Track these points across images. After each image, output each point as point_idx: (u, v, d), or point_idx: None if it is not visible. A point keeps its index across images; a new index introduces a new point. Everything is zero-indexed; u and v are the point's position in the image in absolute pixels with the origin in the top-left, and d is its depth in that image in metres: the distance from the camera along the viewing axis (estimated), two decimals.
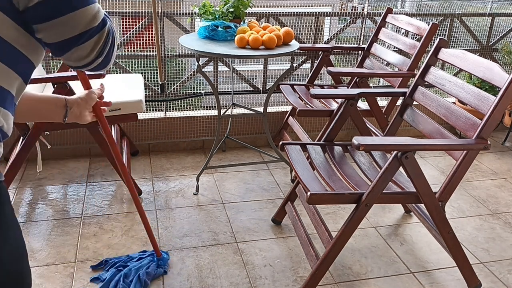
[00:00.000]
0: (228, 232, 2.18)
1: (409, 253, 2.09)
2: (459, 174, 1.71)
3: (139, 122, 2.91)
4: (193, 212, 2.33)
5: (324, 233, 1.82)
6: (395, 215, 2.38)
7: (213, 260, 1.99)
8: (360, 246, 2.12)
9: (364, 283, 1.90)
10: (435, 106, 1.92)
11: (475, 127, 1.66)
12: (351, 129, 3.16)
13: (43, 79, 2.20)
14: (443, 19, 3.27)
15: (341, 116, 2.07)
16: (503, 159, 3.10)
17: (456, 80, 1.86)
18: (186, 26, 2.83)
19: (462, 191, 2.64)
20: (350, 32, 3.23)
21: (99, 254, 1.98)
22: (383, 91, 2.58)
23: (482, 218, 2.40)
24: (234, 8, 2.38)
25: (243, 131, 3.09)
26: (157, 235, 2.13)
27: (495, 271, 2.00)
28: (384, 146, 1.67)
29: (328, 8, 3.81)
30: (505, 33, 3.49)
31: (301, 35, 3.09)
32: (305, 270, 1.95)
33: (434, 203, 1.71)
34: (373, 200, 1.65)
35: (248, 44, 2.23)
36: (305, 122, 3.08)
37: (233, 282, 1.86)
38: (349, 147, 2.09)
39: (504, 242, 2.21)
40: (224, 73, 3.14)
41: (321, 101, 2.75)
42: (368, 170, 1.94)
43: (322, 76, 3.47)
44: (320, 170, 1.86)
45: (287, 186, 2.60)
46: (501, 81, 1.63)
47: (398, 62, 2.60)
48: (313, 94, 2.12)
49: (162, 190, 2.52)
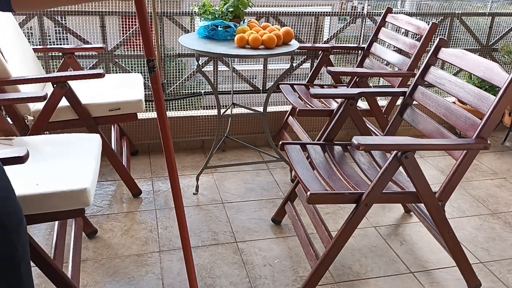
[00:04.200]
0: (228, 232, 2.18)
1: (409, 253, 2.09)
2: (459, 174, 1.71)
3: (139, 122, 2.91)
4: (193, 212, 2.32)
5: (324, 233, 1.82)
6: (395, 215, 2.38)
7: (212, 260, 1.99)
8: (360, 246, 2.12)
9: (364, 283, 1.90)
10: (435, 105, 1.92)
11: (475, 127, 1.66)
12: (351, 129, 3.16)
13: (43, 78, 2.20)
14: (443, 18, 3.27)
15: (341, 116, 2.07)
16: (503, 158, 3.10)
17: (456, 80, 1.86)
18: (186, 26, 2.83)
19: (462, 191, 2.63)
20: (350, 31, 3.23)
21: (99, 254, 1.98)
22: (383, 91, 2.58)
23: (482, 217, 2.40)
24: (233, 8, 2.38)
25: (243, 131, 3.09)
26: (157, 235, 2.13)
27: (495, 271, 2.00)
28: (384, 146, 1.67)
29: (328, 7, 3.81)
30: (505, 32, 3.48)
31: (301, 35, 3.09)
32: (305, 270, 1.95)
33: (434, 203, 1.71)
34: (373, 200, 1.65)
35: (248, 43, 2.22)
36: (305, 121, 3.08)
37: (233, 282, 1.86)
38: (349, 147, 2.09)
39: (504, 242, 2.21)
40: (224, 73, 3.14)
41: (321, 101, 2.75)
42: (368, 170, 1.94)
43: (322, 75, 3.47)
44: (320, 170, 1.86)
45: (287, 186, 2.60)
46: (501, 80, 1.63)
47: (398, 61, 2.60)
48: (313, 93, 2.12)
49: (162, 190, 2.52)
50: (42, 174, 1.52)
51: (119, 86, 2.46)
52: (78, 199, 1.44)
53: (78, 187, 1.44)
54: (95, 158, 1.67)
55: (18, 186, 0.78)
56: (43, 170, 1.24)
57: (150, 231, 2.15)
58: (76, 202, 1.44)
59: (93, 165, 1.61)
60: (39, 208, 1.42)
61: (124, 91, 2.36)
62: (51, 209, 1.44)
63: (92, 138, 1.81)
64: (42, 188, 1.42)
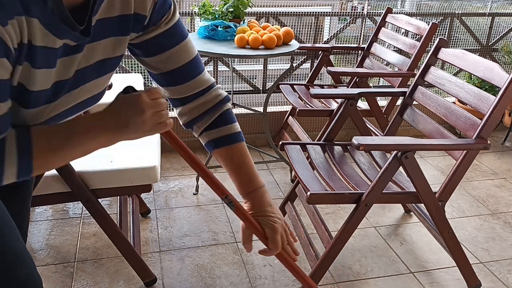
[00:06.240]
0: (228, 232, 2.18)
1: (409, 253, 2.09)
2: (459, 174, 1.71)
3: None
4: (193, 212, 2.32)
5: (324, 233, 1.82)
6: (395, 215, 2.38)
7: (212, 260, 1.99)
8: (360, 246, 2.12)
9: (364, 283, 1.90)
10: (435, 106, 1.92)
11: (475, 127, 1.66)
12: (351, 129, 3.16)
13: None
14: (443, 19, 3.27)
15: (341, 116, 2.07)
16: (503, 159, 3.10)
17: (456, 80, 1.86)
18: (186, 26, 2.83)
19: (462, 191, 2.63)
20: (350, 31, 3.23)
21: (99, 254, 1.98)
22: (383, 91, 2.58)
23: (482, 218, 2.40)
24: (233, 8, 2.38)
25: (242, 131, 3.05)
26: (156, 235, 2.13)
27: (495, 271, 2.00)
28: (384, 146, 1.67)
29: (328, 7, 3.81)
30: (505, 33, 3.49)
31: (301, 35, 3.09)
32: (305, 270, 1.95)
33: (434, 203, 1.71)
34: (373, 200, 1.65)
35: (248, 44, 2.22)
36: (305, 122, 3.08)
37: (233, 282, 1.86)
38: (349, 147, 2.09)
39: (504, 242, 2.21)
40: (224, 73, 3.14)
41: (321, 101, 2.75)
42: (368, 170, 1.94)
43: (322, 76, 3.47)
44: (320, 170, 1.86)
45: (287, 186, 2.60)
46: (501, 81, 1.63)
47: (398, 62, 2.60)
48: (313, 94, 2.12)
49: (161, 190, 2.52)
50: (114, 154, 1.69)
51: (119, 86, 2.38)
52: (149, 175, 1.68)
53: (148, 164, 1.69)
54: (157, 141, 1.91)
55: (96, 163, 0.85)
56: (114, 151, 1.35)
57: (150, 231, 2.15)
58: (146, 177, 1.69)
59: (156, 147, 1.85)
60: (117, 182, 1.67)
61: None
62: (126, 183, 1.67)
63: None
64: (118, 165, 1.67)
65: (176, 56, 0.92)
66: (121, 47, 0.87)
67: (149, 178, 1.69)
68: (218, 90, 1.02)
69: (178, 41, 0.91)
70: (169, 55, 0.91)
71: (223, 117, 1.02)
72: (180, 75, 0.95)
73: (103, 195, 1.75)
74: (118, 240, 1.75)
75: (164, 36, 0.89)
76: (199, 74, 0.97)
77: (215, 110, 1.01)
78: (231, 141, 1.02)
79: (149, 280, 1.82)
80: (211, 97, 1.00)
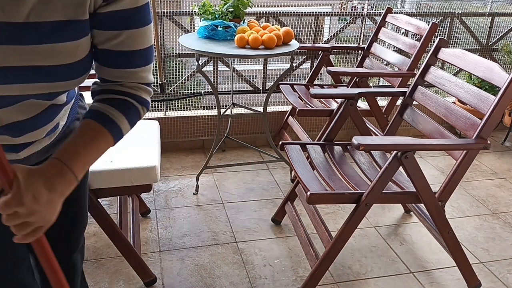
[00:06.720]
0: (227, 232, 2.18)
1: (409, 253, 2.09)
2: (459, 174, 1.71)
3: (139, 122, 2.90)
4: (193, 212, 2.32)
5: (324, 233, 1.82)
6: (395, 215, 2.38)
7: (212, 260, 1.99)
8: (360, 246, 2.12)
9: (364, 283, 1.90)
10: (435, 105, 1.92)
11: (475, 127, 1.66)
12: (351, 129, 3.16)
13: None
14: (443, 18, 3.27)
15: (341, 116, 2.07)
16: (503, 158, 3.10)
17: (456, 80, 1.86)
18: (186, 26, 2.83)
19: (462, 191, 2.63)
20: (350, 31, 3.23)
21: (99, 254, 1.98)
22: (383, 91, 2.59)
23: (482, 218, 2.40)
24: (233, 8, 2.38)
25: (243, 131, 3.09)
26: (156, 235, 2.13)
27: (495, 271, 2.00)
28: (384, 146, 1.67)
29: (328, 7, 3.81)
30: (505, 33, 3.48)
31: (301, 35, 3.09)
32: (305, 270, 1.95)
33: (434, 203, 1.71)
34: (373, 200, 1.65)
35: (247, 43, 2.22)
36: (305, 122, 3.08)
37: (233, 282, 1.86)
38: (349, 147, 2.09)
39: (504, 242, 2.21)
40: (224, 73, 3.14)
41: (321, 101, 2.75)
42: (368, 170, 1.94)
43: (322, 75, 3.47)
44: (320, 170, 1.86)
45: (287, 186, 2.60)
46: (501, 80, 1.63)
47: (398, 61, 2.60)
48: (313, 93, 2.12)
49: (161, 190, 2.52)
50: (114, 154, 1.68)
51: None
52: (149, 175, 1.68)
53: (148, 164, 1.68)
54: (157, 141, 1.89)
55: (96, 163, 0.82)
56: (114, 151, 1.30)
57: (150, 231, 2.15)
58: (146, 177, 1.68)
59: (156, 147, 1.83)
60: (117, 182, 1.66)
61: None
62: (126, 183, 1.67)
63: (152, 123, 2.04)
64: (118, 165, 1.67)
65: (131, 40, 0.84)
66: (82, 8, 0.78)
67: (149, 178, 1.69)
68: (146, 90, 0.92)
69: (140, 25, 0.84)
70: (127, 36, 0.83)
71: (119, 103, 0.89)
72: (124, 59, 0.86)
73: (103, 195, 1.75)
74: (118, 240, 1.75)
75: (126, 13, 0.81)
76: (141, 67, 0.89)
77: (121, 94, 0.89)
78: (103, 121, 0.87)
79: (149, 280, 1.82)
80: (131, 86, 0.90)
